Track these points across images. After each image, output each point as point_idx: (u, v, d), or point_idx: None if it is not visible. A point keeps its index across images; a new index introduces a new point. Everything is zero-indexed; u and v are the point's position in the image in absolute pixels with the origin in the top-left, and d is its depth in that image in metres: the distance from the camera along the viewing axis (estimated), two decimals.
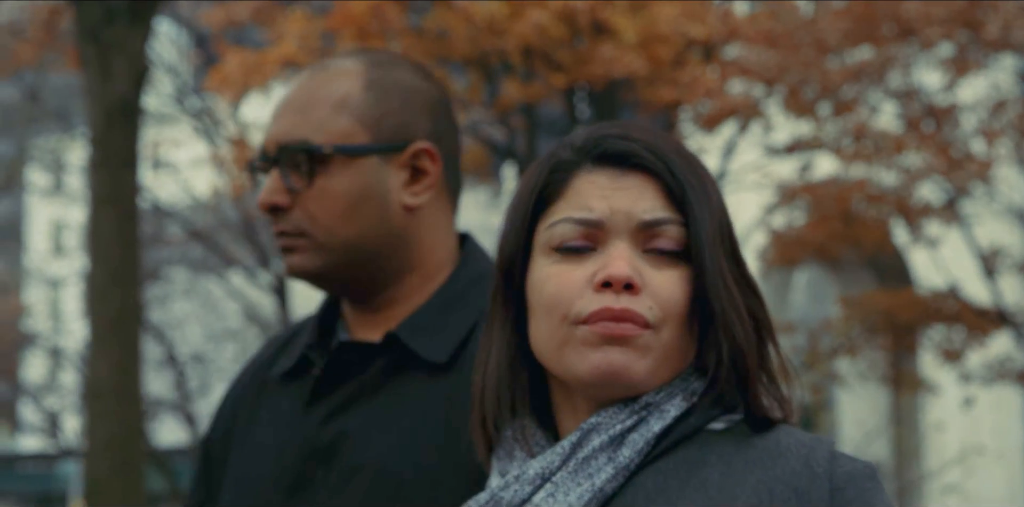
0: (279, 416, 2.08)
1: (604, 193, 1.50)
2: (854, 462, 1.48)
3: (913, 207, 15.75)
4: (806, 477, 1.45)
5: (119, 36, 10.78)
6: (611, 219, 1.49)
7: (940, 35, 15.04)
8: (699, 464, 1.47)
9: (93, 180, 10.80)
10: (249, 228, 21.85)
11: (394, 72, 2.11)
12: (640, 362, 1.47)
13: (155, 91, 20.81)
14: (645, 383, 1.49)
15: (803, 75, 14.93)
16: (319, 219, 2.05)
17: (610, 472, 1.46)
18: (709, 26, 14.80)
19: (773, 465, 1.46)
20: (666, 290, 1.48)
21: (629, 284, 1.47)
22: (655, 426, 1.48)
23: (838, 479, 1.45)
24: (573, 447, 1.48)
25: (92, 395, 10.57)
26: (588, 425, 1.48)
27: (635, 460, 1.47)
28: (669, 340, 1.49)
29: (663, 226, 1.49)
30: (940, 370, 17.35)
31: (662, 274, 1.49)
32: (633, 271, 1.47)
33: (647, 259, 1.50)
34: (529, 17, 14.30)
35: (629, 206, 1.49)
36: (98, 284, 10.51)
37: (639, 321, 1.47)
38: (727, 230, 1.52)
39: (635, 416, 1.49)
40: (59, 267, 34.78)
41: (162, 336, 23.37)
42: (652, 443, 1.48)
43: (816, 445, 1.48)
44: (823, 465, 1.46)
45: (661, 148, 1.52)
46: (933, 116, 15.66)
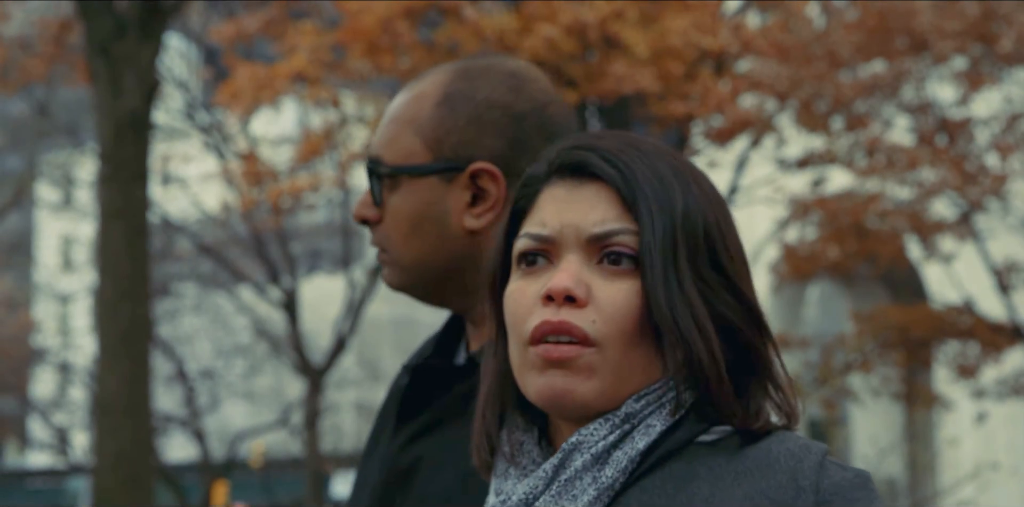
0: (384, 437, 2.06)
1: (559, 207, 1.47)
2: (844, 472, 1.41)
3: (927, 222, 15.67)
4: (791, 490, 1.38)
5: (129, 51, 10.79)
6: (561, 233, 1.45)
7: (953, 49, 14.98)
8: (688, 479, 1.41)
9: (103, 195, 10.79)
10: (259, 243, 21.82)
11: (475, 84, 2.03)
12: (584, 384, 1.41)
13: (165, 106, 20.81)
14: (598, 404, 1.42)
15: (816, 89, 14.86)
16: (391, 237, 2.04)
17: (592, 494, 1.40)
18: (720, 39, 14.74)
19: (761, 477, 1.40)
20: (612, 303, 1.42)
21: (571, 297, 1.41)
22: (639, 443, 1.42)
23: (824, 492, 1.39)
24: (555, 469, 1.42)
25: (101, 411, 10.55)
26: (569, 445, 1.42)
27: (620, 479, 1.41)
28: (618, 357, 1.41)
29: (614, 237, 1.44)
30: (954, 386, 17.25)
31: (612, 286, 1.43)
32: (577, 284, 1.41)
33: (601, 271, 1.44)
34: (539, 31, 14.25)
35: (580, 219, 1.45)
36: (108, 299, 10.49)
37: (577, 334, 1.41)
38: (692, 235, 1.44)
39: (617, 431, 1.42)
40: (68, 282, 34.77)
41: (171, 351, 23.34)
42: (637, 460, 1.42)
43: (805, 455, 1.41)
44: (809, 477, 1.39)
45: (621, 155, 1.46)
46: (946, 130, 15.59)
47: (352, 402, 31.68)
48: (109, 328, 10.44)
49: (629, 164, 1.45)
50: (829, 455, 1.43)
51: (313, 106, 17.80)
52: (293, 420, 24.88)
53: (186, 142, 23.60)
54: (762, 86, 15.10)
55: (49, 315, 33.21)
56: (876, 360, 16.48)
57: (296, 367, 22.40)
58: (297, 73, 15.99)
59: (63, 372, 25.94)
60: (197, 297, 27.22)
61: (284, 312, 22.32)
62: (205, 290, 27.03)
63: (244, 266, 23.30)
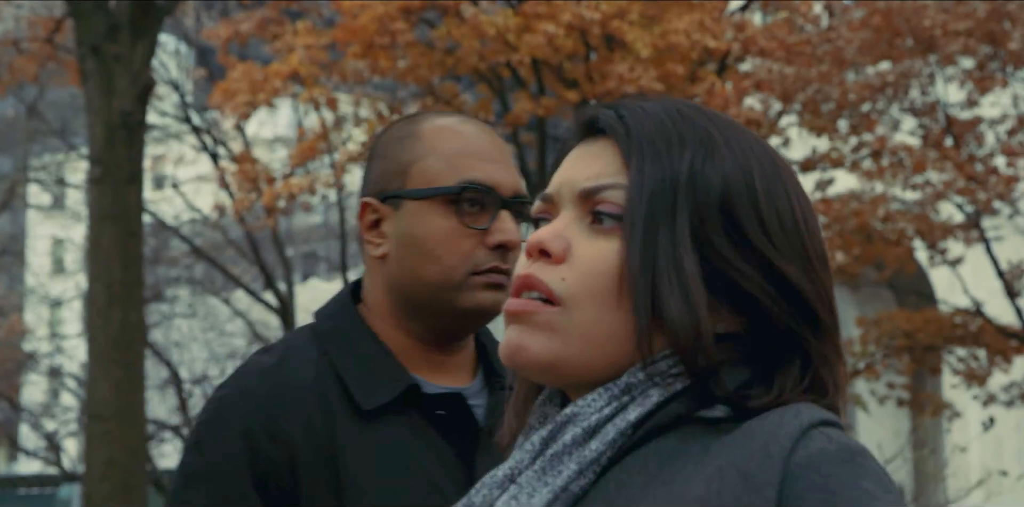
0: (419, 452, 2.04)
1: (566, 165, 1.40)
2: (827, 443, 1.24)
3: (934, 225, 15.53)
4: (759, 458, 1.24)
5: (121, 51, 10.75)
6: (559, 191, 1.38)
7: (961, 49, 14.85)
8: (675, 455, 1.29)
9: (94, 197, 10.71)
10: (253, 247, 21.64)
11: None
12: (540, 342, 1.32)
13: (158, 106, 20.63)
14: (560, 367, 1.32)
15: (821, 89, 14.72)
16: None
17: (575, 468, 1.29)
18: (724, 39, 14.60)
19: (740, 448, 1.26)
20: (588, 261, 1.33)
21: (544, 250, 1.34)
22: (632, 414, 1.31)
23: (794, 463, 1.23)
24: (544, 442, 1.33)
25: (93, 417, 10.51)
26: (563, 416, 1.32)
27: (606, 453, 1.30)
28: (587, 319, 1.31)
29: (603, 192, 1.35)
30: (962, 392, 17.11)
31: (594, 245, 1.34)
32: (554, 238, 1.34)
33: (590, 230, 1.35)
34: (540, 30, 14.10)
35: (576, 174, 1.37)
36: (99, 303, 10.42)
37: (542, 290, 1.32)
38: (702, 198, 1.33)
39: (615, 403, 1.32)
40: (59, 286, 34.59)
41: (164, 357, 23.17)
42: (628, 433, 1.31)
43: (789, 422, 1.26)
44: (783, 445, 1.24)
45: (637, 112, 1.38)
46: (954, 132, 15.47)
47: None
48: (101, 333, 10.37)
49: (641, 120, 1.37)
50: (831, 426, 1.27)
51: (309, 107, 17.61)
52: None
53: (179, 143, 23.42)
54: (766, 87, 14.97)
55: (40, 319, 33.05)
56: (882, 366, 16.32)
57: None
58: (292, 73, 15.85)
59: (54, 377, 25.77)
60: (190, 301, 27.05)
61: (279, 317, 22.16)
62: (199, 294, 26.87)
63: (238, 270, 23.17)
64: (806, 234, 1.37)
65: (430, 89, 15.89)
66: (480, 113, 16.04)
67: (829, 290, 1.38)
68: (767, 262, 1.34)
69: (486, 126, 2.20)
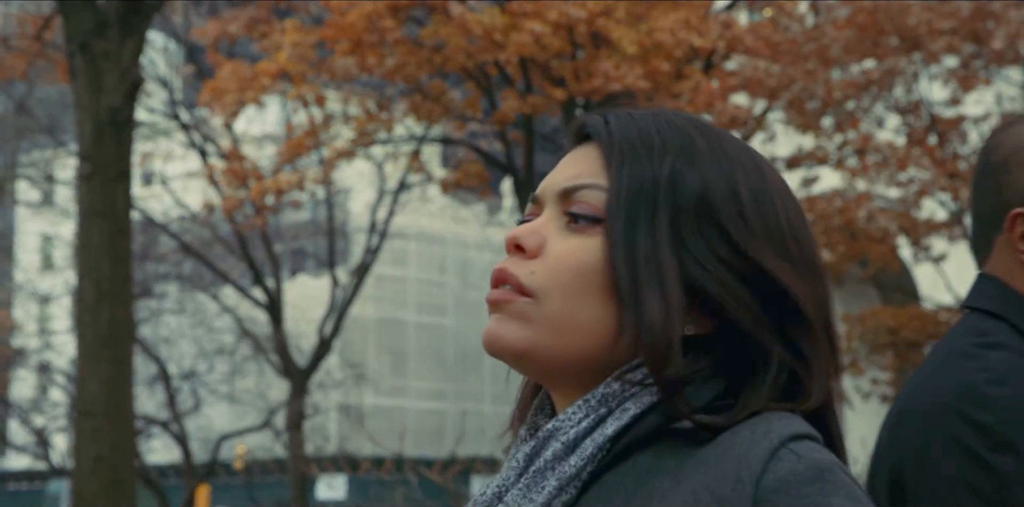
0: None
1: (555, 169, 1.45)
2: (796, 463, 1.25)
3: (917, 222, 15.59)
4: (731, 482, 1.25)
5: (110, 48, 10.74)
6: (544, 192, 1.43)
7: (945, 48, 14.89)
8: (652, 472, 1.31)
9: (83, 194, 10.70)
10: (242, 243, 21.67)
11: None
12: (513, 331, 1.36)
13: (147, 104, 20.65)
14: (536, 355, 1.36)
15: (806, 87, 14.77)
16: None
17: (555, 485, 1.31)
18: (710, 37, 14.64)
19: (713, 468, 1.27)
20: (558, 256, 1.37)
21: (519, 246, 1.38)
22: (609, 429, 1.33)
23: (764, 488, 1.24)
24: (528, 458, 1.35)
25: (82, 413, 10.49)
26: (544, 432, 1.35)
27: (586, 468, 1.32)
28: (557, 310, 1.35)
29: (580, 192, 1.39)
30: None
31: (566, 242, 1.38)
32: (529, 234, 1.38)
33: (567, 228, 1.39)
34: (527, 28, 14.15)
35: (559, 175, 1.42)
36: (88, 300, 10.41)
37: (512, 282, 1.37)
38: (682, 200, 1.37)
39: (593, 415, 1.34)
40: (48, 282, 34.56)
41: (153, 353, 23.17)
42: (606, 448, 1.33)
43: (760, 440, 1.27)
44: (752, 468, 1.25)
45: (622, 118, 1.42)
46: (938, 130, 15.52)
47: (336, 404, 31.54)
48: (90, 329, 10.37)
49: (625, 126, 1.41)
50: (801, 441, 1.28)
51: (297, 104, 17.66)
52: (276, 422, 24.73)
53: (168, 140, 23.44)
54: (752, 84, 15.01)
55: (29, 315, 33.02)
56: (867, 362, 16.39)
57: (279, 369, 22.26)
58: (281, 71, 15.87)
59: (43, 373, 25.77)
60: (179, 298, 27.05)
61: (267, 313, 22.19)
62: (187, 291, 26.86)
63: (227, 266, 23.19)
64: (795, 239, 1.39)
65: (418, 87, 15.94)
66: (467, 111, 16.10)
67: (823, 293, 1.39)
68: (754, 265, 1.36)
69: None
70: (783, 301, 1.35)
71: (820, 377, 1.36)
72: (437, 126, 17.65)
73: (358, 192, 28.03)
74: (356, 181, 26.46)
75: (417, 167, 18.30)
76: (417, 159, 18.12)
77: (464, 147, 18.11)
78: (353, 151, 16.85)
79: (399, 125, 17.67)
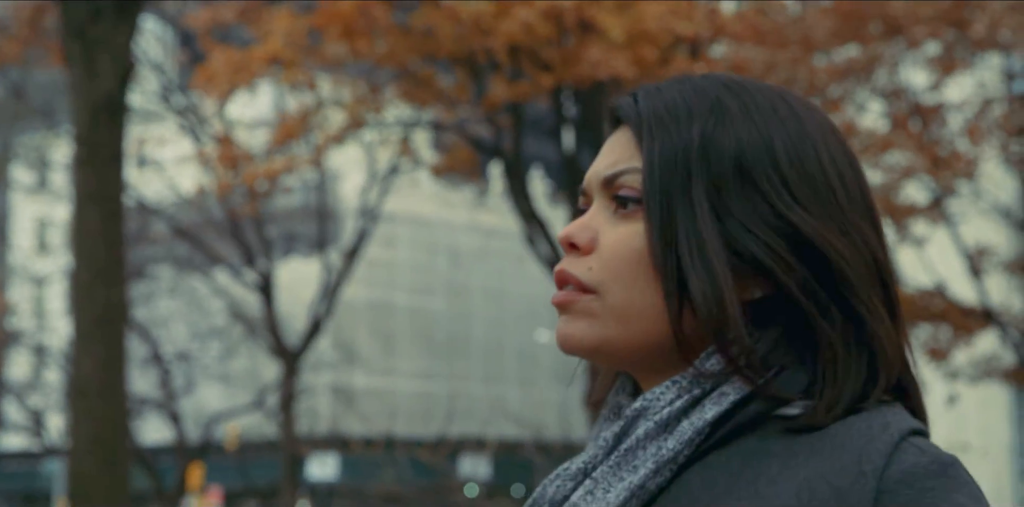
0: None
1: (597, 158, 1.41)
2: (920, 457, 1.24)
3: (899, 206, 15.76)
4: (852, 475, 1.23)
5: (105, 33, 10.76)
6: (590, 183, 1.40)
7: (927, 34, 15.04)
8: (758, 454, 1.28)
9: (78, 177, 10.76)
10: (234, 226, 21.82)
11: None
12: (583, 329, 1.34)
13: (140, 88, 20.78)
14: (609, 350, 1.34)
15: (790, 73, 14.92)
16: None
17: (651, 467, 1.29)
18: (696, 23, 14.78)
19: (829, 458, 1.25)
20: (611, 248, 1.34)
21: (573, 244, 1.36)
22: (708, 413, 1.30)
23: (888, 479, 1.23)
24: (617, 438, 1.33)
25: (77, 393, 10.54)
26: (633, 411, 1.33)
27: (683, 452, 1.29)
28: (618, 303, 1.33)
29: (621, 178, 1.36)
30: (926, 369, 17.37)
31: (616, 231, 1.35)
32: (581, 230, 1.36)
33: (615, 217, 1.36)
34: (516, 15, 14.26)
35: (600, 164, 1.39)
36: (83, 282, 10.48)
37: (573, 282, 1.35)
38: (716, 165, 1.32)
39: (686, 396, 1.31)
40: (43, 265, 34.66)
41: (147, 334, 23.33)
42: (705, 433, 1.29)
43: (879, 434, 1.25)
44: (875, 461, 1.23)
45: (650, 92, 1.39)
46: (919, 115, 15.66)
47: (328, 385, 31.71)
48: (84, 311, 10.43)
49: (652, 101, 1.37)
50: (919, 436, 1.27)
51: (289, 89, 17.80)
52: (268, 403, 24.91)
53: (162, 125, 23.56)
54: (737, 70, 15.14)
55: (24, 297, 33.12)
56: None
57: (271, 350, 22.43)
58: (273, 57, 15.98)
59: (38, 355, 25.91)
60: (172, 280, 27.20)
61: (260, 295, 22.34)
62: (180, 273, 27.01)
63: (220, 249, 23.30)
64: (843, 195, 1.33)
65: (408, 72, 16.07)
66: (457, 96, 16.25)
67: (879, 253, 1.34)
68: (792, 226, 1.31)
69: None
70: (828, 265, 1.30)
71: (890, 346, 1.32)
72: (427, 111, 17.80)
73: (349, 176, 28.17)
74: (347, 165, 26.61)
75: (407, 152, 18.46)
76: (407, 144, 18.28)
77: (453, 132, 18.27)
78: (344, 136, 17.01)
79: (389, 110, 17.82)
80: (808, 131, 1.35)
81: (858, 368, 1.30)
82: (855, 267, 1.30)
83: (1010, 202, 17.12)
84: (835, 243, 1.30)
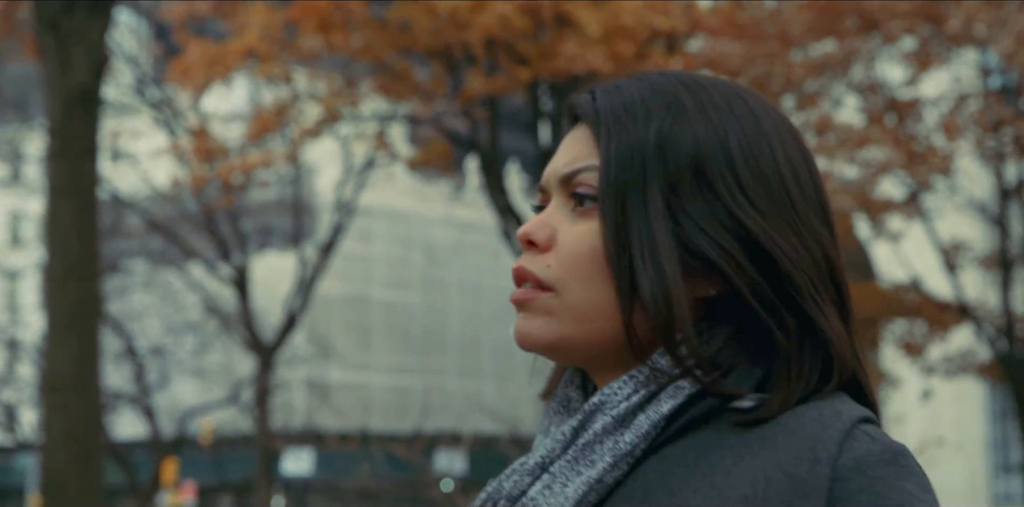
0: None
1: (555, 155, 1.41)
2: (871, 444, 1.26)
3: (875, 201, 15.80)
4: (807, 462, 1.24)
5: (78, 26, 10.71)
6: (548, 180, 1.40)
7: (903, 29, 15.09)
8: (713, 447, 1.29)
9: (52, 171, 10.72)
10: (209, 220, 21.75)
11: None
12: (541, 327, 1.34)
13: (115, 81, 20.70)
14: (563, 345, 1.35)
15: (767, 67, 14.94)
16: None
17: (609, 461, 1.30)
18: (673, 18, 14.78)
19: (783, 446, 1.26)
20: (568, 246, 1.34)
21: (531, 241, 1.36)
22: (664, 406, 1.30)
23: (841, 467, 1.24)
24: (574, 432, 1.33)
25: (50, 388, 10.50)
26: (591, 406, 1.33)
27: (640, 446, 1.30)
28: (576, 301, 1.33)
29: (577, 176, 1.36)
30: (901, 363, 17.44)
31: (574, 228, 1.35)
32: (539, 228, 1.36)
33: (573, 214, 1.36)
34: (492, 9, 14.25)
35: (558, 162, 1.39)
36: (56, 276, 10.43)
37: (532, 279, 1.35)
38: (673, 162, 1.32)
39: (643, 390, 1.32)
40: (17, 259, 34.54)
41: (121, 328, 23.26)
42: (661, 426, 1.30)
43: (832, 422, 1.26)
44: (829, 449, 1.25)
45: (607, 90, 1.38)
46: (895, 110, 15.71)
47: (303, 379, 31.66)
48: (58, 305, 10.39)
49: (610, 99, 1.37)
50: (870, 424, 1.29)
51: (265, 83, 17.74)
52: (243, 397, 24.86)
53: (136, 118, 23.49)
54: (714, 64, 15.15)
55: None
56: None
57: (246, 344, 22.38)
58: (249, 50, 15.94)
59: (11, 349, 25.81)
60: (147, 274, 27.12)
61: (235, 289, 22.28)
62: (155, 267, 26.94)
63: (194, 243, 23.24)
64: (797, 194, 1.34)
65: (384, 66, 16.04)
66: (433, 90, 16.22)
67: (830, 252, 1.34)
68: (744, 227, 1.31)
69: None
70: (778, 266, 1.31)
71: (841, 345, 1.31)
72: (403, 105, 17.77)
73: (325, 170, 28.12)
74: (323, 159, 26.55)
75: (383, 146, 18.43)
76: (383, 138, 18.24)
77: (430, 126, 18.23)
78: (320, 130, 16.97)
79: (365, 104, 17.79)
80: (764, 129, 1.35)
81: (811, 367, 1.30)
82: (805, 268, 1.31)
83: (985, 197, 17.17)
84: (784, 245, 1.31)
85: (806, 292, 1.30)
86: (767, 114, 1.36)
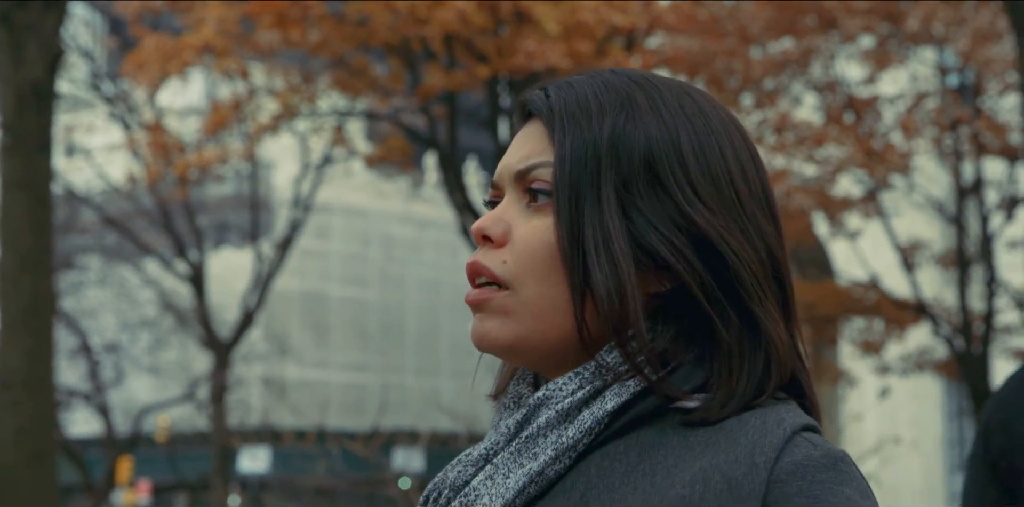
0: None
1: (508, 150, 1.41)
2: (811, 450, 1.26)
3: (833, 199, 15.84)
4: (745, 466, 1.25)
5: (32, 19, 10.64)
6: (501, 176, 1.40)
7: (861, 27, 15.14)
8: (656, 446, 1.30)
9: (4, 166, 10.63)
10: (165, 216, 21.62)
11: None
12: (499, 327, 1.35)
13: (69, 76, 20.53)
14: (521, 345, 1.35)
15: (726, 64, 14.95)
16: None
17: (551, 455, 1.31)
18: (632, 15, 14.77)
19: (724, 450, 1.27)
20: (524, 241, 1.35)
21: (486, 236, 1.37)
22: (609, 403, 1.31)
23: (780, 470, 1.25)
24: (518, 425, 1.35)
25: (2, 385, 10.41)
26: (536, 400, 1.34)
27: (583, 441, 1.31)
28: (533, 298, 1.34)
29: (534, 172, 1.37)
30: (859, 362, 17.50)
31: (529, 224, 1.36)
32: (494, 223, 1.37)
33: (528, 210, 1.37)
34: (451, 5, 14.20)
35: (511, 158, 1.39)
36: (9, 272, 10.35)
37: (488, 275, 1.36)
38: (626, 160, 1.33)
39: (588, 387, 1.33)
40: None
41: (75, 325, 23.10)
42: (604, 422, 1.31)
43: (773, 429, 1.27)
44: (767, 454, 1.26)
45: (560, 86, 1.39)
46: (854, 108, 15.76)
47: (259, 377, 31.52)
48: (10, 301, 10.31)
49: (564, 96, 1.38)
50: (811, 432, 1.30)
51: (221, 78, 17.63)
52: (199, 395, 24.73)
53: (91, 112, 23.31)
54: (672, 62, 15.16)
55: None
56: None
57: (202, 341, 22.26)
58: (205, 45, 15.83)
59: None
60: (101, 270, 26.94)
61: (190, 285, 22.17)
62: (110, 263, 26.75)
63: (150, 239, 23.11)
64: (745, 192, 1.35)
65: (342, 61, 15.96)
66: (391, 85, 16.15)
67: (776, 250, 1.36)
68: (694, 225, 1.32)
69: None
70: (727, 264, 1.32)
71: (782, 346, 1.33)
72: (361, 101, 17.69)
73: (282, 166, 28.00)
74: (280, 155, 26.44)
75: (341, 142, 18.35)
76: (341, 133, 18.16)
77: (388, 122, 18.17)
78: (277, 125, 16.88)
79: (323, 99, 17.70)
80: (713, 127, 1.37)
81: (752, 366, 1.32)
82: (751, 267, 1.33)
83: (943, 196, 17.23)
84: (732, 242, 1.33)
85: (752, 290, 1.33)
86: (715, 113, 1.38)
